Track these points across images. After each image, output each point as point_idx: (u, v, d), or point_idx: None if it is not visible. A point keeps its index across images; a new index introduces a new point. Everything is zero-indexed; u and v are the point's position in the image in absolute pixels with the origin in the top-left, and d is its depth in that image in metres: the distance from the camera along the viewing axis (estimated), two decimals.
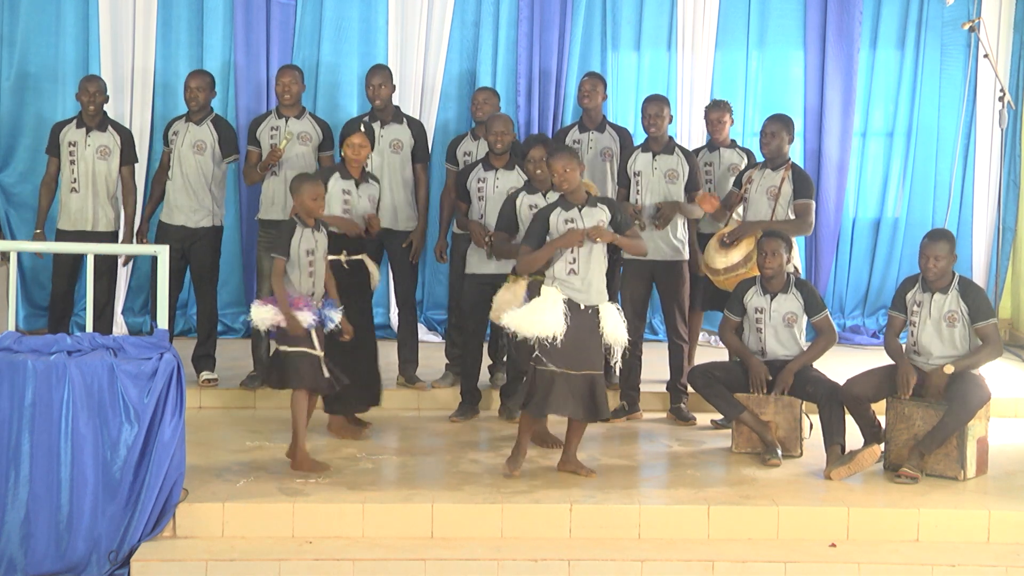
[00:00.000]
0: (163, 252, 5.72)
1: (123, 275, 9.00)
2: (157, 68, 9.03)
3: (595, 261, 6.17)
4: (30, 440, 5.44)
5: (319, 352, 6.18)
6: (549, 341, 6.03)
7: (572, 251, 6.13)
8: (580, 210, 6.18)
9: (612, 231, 6.17)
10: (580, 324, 6.08)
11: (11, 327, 5.96)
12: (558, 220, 6.19)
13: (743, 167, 7.65)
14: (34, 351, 5.56)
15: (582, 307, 6.12)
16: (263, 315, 6.14)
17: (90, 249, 6.56)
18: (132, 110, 8.96)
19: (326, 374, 6.22)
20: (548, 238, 6.17)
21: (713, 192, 7.49)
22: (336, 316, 6.28)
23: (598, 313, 6.17)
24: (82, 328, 7.19)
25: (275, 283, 6.17)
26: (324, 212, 6.42)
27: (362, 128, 6.76)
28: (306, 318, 6.12)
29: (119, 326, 8.96)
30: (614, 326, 6.20)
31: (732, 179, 7.57)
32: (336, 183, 6.75)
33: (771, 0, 9.46)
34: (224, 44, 9.11)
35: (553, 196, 6.49)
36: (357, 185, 6.82)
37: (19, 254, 7.00)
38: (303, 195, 6.25)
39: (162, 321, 5.71)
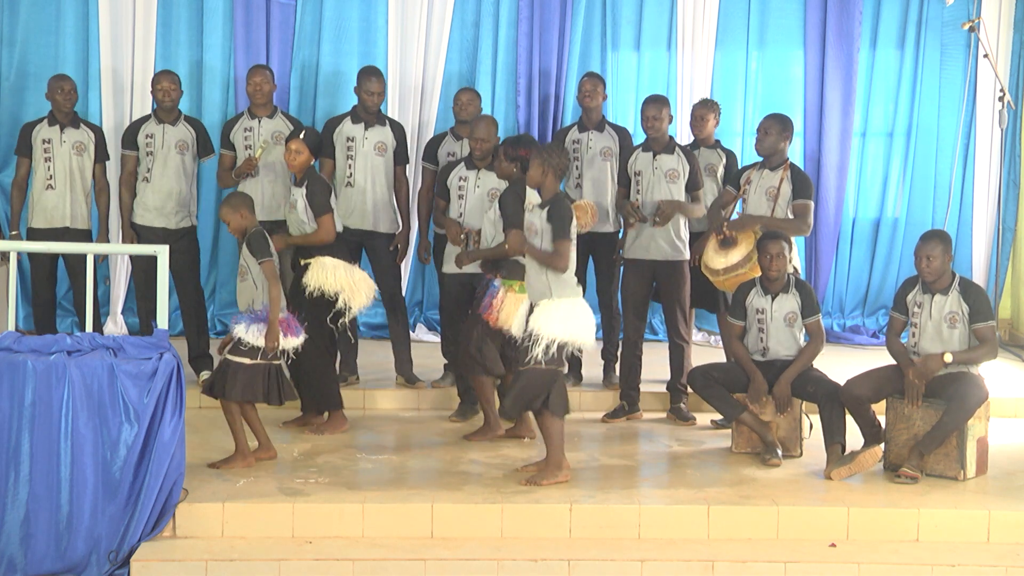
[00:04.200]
0: (163, 252, 5.72)
1: (123, 275, 9.01)
2: (157, 68, 8.99)
3: None
4: (30, 440, 5.44)
5: (270, 363, 6.23)
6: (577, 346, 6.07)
7: None
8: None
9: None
10: None
11: (11, 327, 5.96)
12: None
13: (720, 168, 7.65)
14: (34, 351, 5.55)
15: None
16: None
17: (90, 249, 6.56)
18: (132, 110, 8.95)
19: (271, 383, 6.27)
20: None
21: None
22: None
23: None
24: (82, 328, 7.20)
25: (275, 288, 6.16)
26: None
27: (302, 136, 6.73)
28: (290, 342, 6.21)
29: (119, 326, 8.97)
30: None
31: (708, 179, 7.55)
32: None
33: (771, 0, 9.46)
34: (224, 44, 9.11)
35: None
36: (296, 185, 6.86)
37: (20, 254, 7.00)
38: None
39: (162, 321, 5.71)
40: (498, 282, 6.50)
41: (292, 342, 6.26)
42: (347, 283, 6.66)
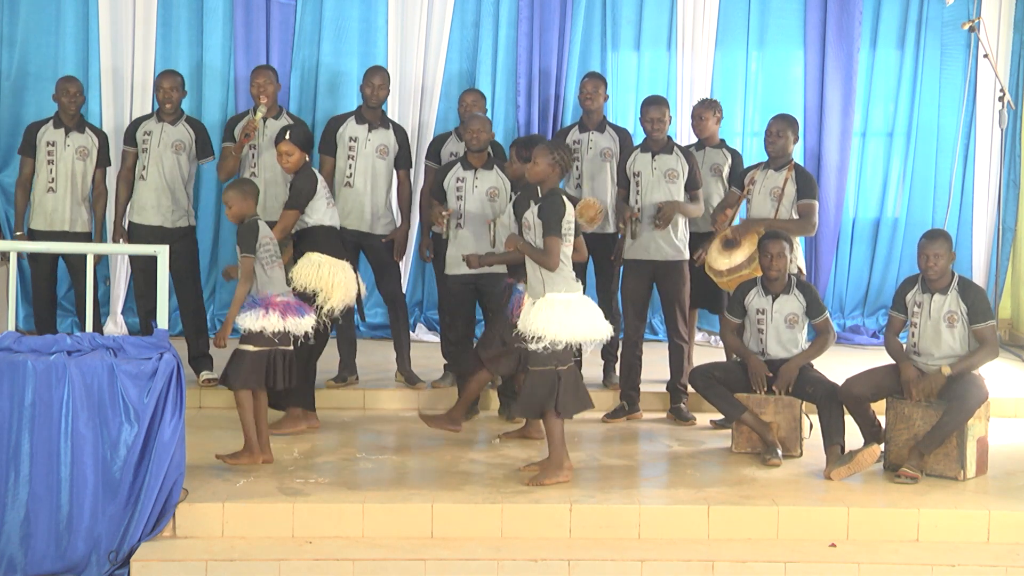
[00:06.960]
0: (163, 252, 5.72)
1: (123, 275, 9.01)
2: (157, 68, 9.00)
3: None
4: (30, 440, 5.44)
5: (276, 348, 6.19)
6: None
7: None
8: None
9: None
10: None
11: (11, 327, 5.96)
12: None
13: (726, 168, 7.65)
14: (34, 351, 5.56)
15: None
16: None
17: (90, 249, 6.55)
18: (132, 110, 8.95)
19: (275, 370, 6.23)
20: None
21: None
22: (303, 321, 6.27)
23: None
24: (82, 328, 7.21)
25: (244, 287, 6.18)
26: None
27: (288, 136, 6.67)
28: (275, 323, 6.14)
29: (119, 326, 8.97)
30: None
31: (713, 179, 7.56)
32: None
33: (771, 0, 9.46)
34: (224, 44, 9.11)
35: None
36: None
37: (20, 254, 7.00)
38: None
39: (162, 321, 5.71)
40: (522, 287, 6.35)
41: (296, 323, 6.21)
42: (328, 282, 6.58)
